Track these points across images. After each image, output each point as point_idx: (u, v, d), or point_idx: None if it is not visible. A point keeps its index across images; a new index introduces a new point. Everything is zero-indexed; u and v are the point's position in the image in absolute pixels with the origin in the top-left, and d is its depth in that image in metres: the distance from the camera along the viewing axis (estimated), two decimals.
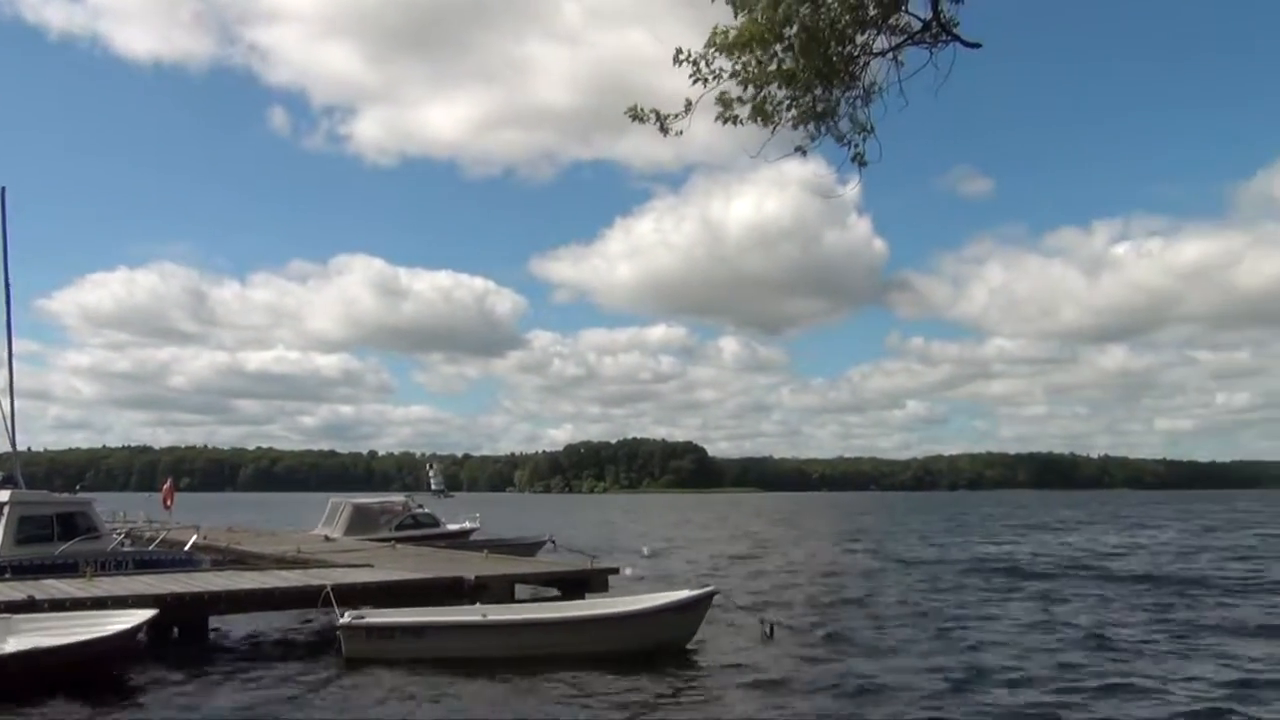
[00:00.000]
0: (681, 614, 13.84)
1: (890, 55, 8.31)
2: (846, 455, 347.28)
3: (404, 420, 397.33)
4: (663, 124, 8.36)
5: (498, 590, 16.01)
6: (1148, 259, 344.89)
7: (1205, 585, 21.60)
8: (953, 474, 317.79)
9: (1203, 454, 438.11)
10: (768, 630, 14.68)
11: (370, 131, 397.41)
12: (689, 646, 13.71)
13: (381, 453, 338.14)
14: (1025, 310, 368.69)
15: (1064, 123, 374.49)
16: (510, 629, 13.28)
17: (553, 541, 26.89)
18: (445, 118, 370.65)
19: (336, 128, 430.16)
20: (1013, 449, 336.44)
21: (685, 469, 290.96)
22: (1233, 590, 20.81)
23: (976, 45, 8.15)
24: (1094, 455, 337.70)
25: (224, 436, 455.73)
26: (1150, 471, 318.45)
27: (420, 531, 27.98)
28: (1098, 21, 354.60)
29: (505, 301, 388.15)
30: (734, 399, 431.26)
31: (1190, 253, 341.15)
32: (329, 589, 13.41)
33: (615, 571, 18.63)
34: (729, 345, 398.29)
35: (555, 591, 17.39)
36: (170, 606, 13.14)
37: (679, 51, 7.95)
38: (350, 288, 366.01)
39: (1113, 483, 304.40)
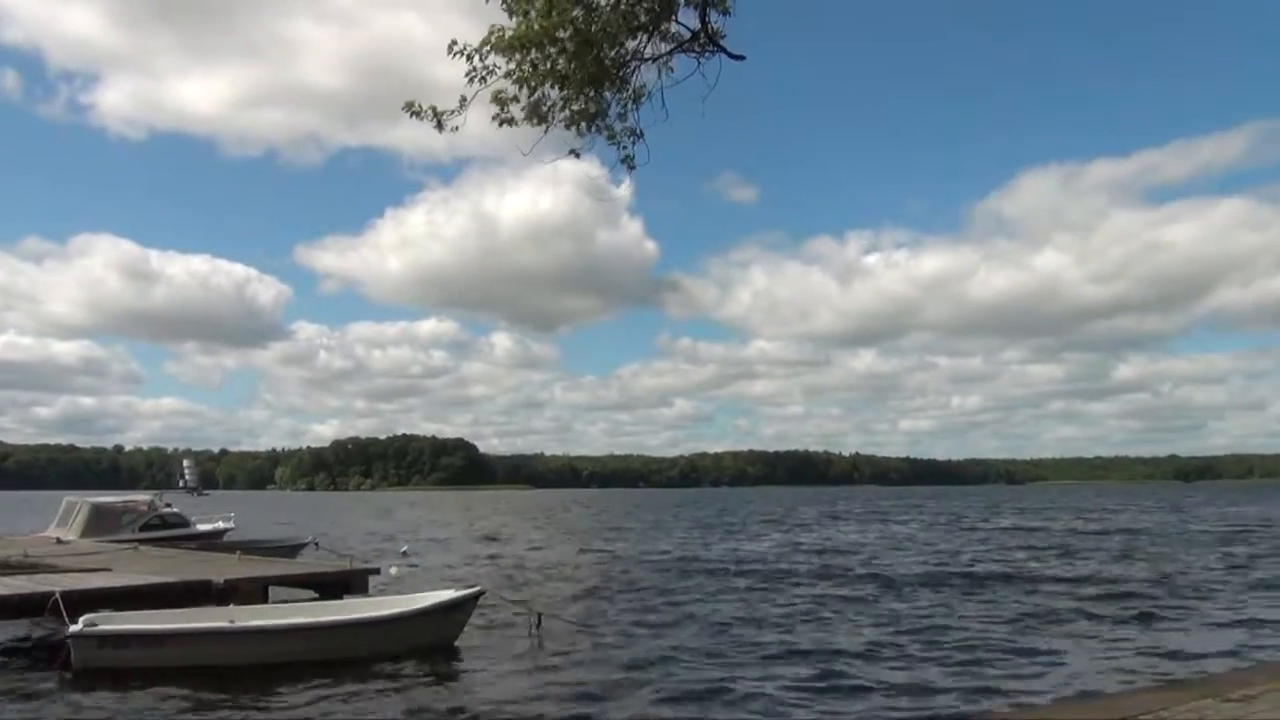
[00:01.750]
0: (446, 614, 13.61)
1: (660, 62, 8.51)
2: (616, 452, 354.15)
3: (154, 413, 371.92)
4: (439, 121, 8.22)
5: (250, 594, 15.19)
6: (895, 269, 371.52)
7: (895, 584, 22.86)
8: (717, 471, 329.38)
9: (940, 452, 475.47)
10: (534, 626, 14.70)
11: (116, 101, 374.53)
12: (455, 646, 13.51)
13: (129, 447, 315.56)
14: (785, 314, 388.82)
15: (823, 138, 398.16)
16: (262, 635, 12.53)
17: (315, 542, 25.93)
18: (202, 92, 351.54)
19: (77, 95, 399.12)
20: (773, 447, 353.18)
21: (456, 466, 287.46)
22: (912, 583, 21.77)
23: (740, 58, 8.47)
24: (846, 453, 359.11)
25: None
26: (895, 468, 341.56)
27: (167, 532, 26.33)
28: (857, 52, 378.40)
29: (268, 290, 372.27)
30: (506, 395, 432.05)
31: (931, 265, 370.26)
32: (58, 595, 12.36)
33: (377, 572, 18.15)
34: (501, 341, 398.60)
35: (313, 594, 16.73)
36: None
37: (453, 44, 7.83)
38: (94, 269, 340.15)
39: (861, 479, 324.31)
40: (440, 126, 7.96)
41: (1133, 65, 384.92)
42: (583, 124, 8.01)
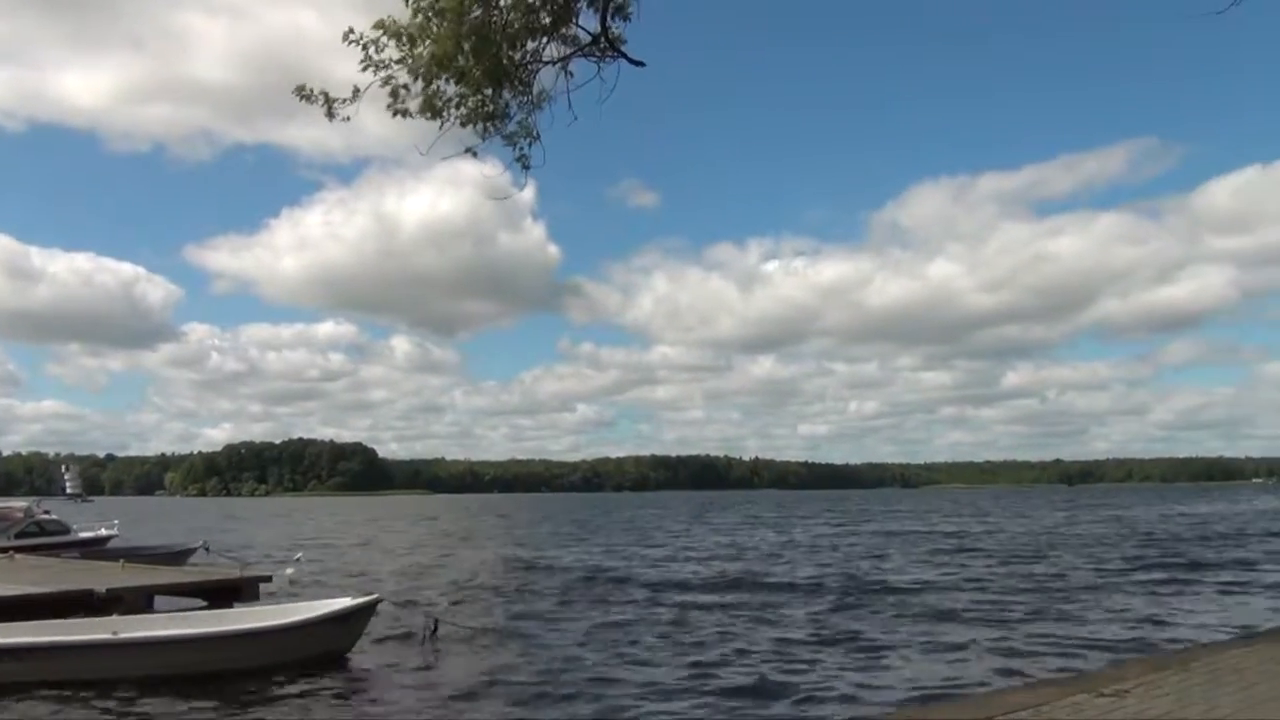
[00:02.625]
0: (341, 623, 13.26)
1: (560, 65, 8.49)
2: (518, 457, 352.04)
3: (34, 416, 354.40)
4: (330, 107, 8.04)
5: (134, 603, 14.67)
6: (794, 276, 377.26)
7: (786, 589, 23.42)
8: (619, 475, 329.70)
9: (838, 456, 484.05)
10: (430, 634, 14.48)
11: None
12: (350, 655, 13.23)
13: (7, 453, 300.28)
14: (686, 319, 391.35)
15: (724, 146, 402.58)
16: (146, 646, 11.99)
17: (206, 548, 25.19)
18: (84, 84, 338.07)
19: None
20: (674, 451, 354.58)
21: (354, 471, 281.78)
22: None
23: (641, 64, 8.49)
24: (746, 457, 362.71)
25: None
26: (794, 472, 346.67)
27: (46, 540, 25.33)
28: (757, 61, 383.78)
29: (157, 290, 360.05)
30: (405, 400, 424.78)
31: (829, 273, 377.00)
32: None
33: (269, 579, 17.69)
34: (401, 345, 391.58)
35: (201, 603, 16.22)
36: None
37: (350, 31, 7.68)
38: None
39: (761, 483, 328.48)
40: (331, 114, 7.79)
41: (1021, 81, 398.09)
42: (480, 123, 7.94)
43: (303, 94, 7.76)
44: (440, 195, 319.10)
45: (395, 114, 8.07)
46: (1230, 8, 6.88)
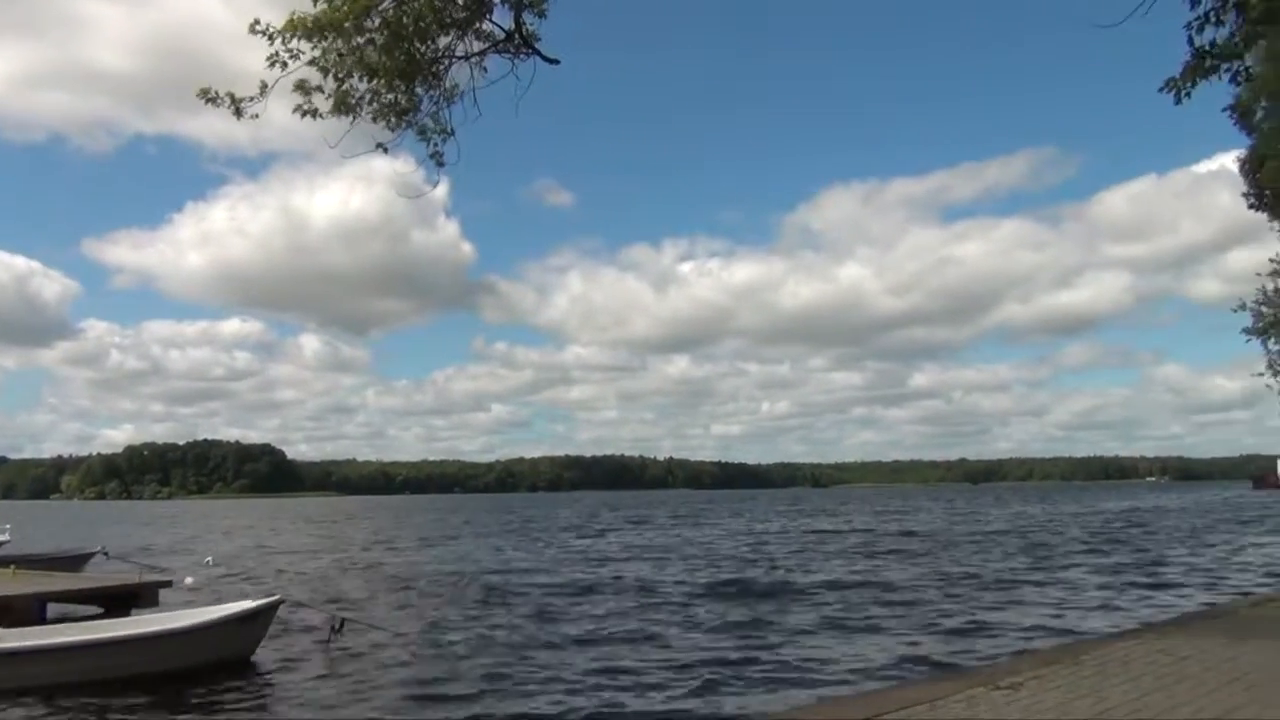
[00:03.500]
0: (241, 626, 12.94)
1: (474, 61, 8.43)
2: (431, 458, 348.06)
3: None
4: (237, 108, 7.87)
5: (24, 611, 14.14)
6: (708, 278, 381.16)
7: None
8: (534, 476, 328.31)
9: (750, 456, 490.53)
10: (334, 634, 14.22)
11: None
12: (253, 659, 12.93)
13: None
14: (601, 320, 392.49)
15: (639, 146, 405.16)
16: (36, 655, 11.53)
17: (105, 553, 24.36)
18: None
19: None
20: (589, 452, 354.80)
21: (261, 472, 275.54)
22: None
23: (555, 62, 8.48)
24: (660, 458, 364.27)
25: None
26: (707, 472, 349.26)
27: None
28: (672, 63, 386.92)
29: (53, 285, 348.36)
30: (315, 399, 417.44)
31: (743, 274, 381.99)
32: None
33: (169, 584, 17.21)
34: (310, 343, 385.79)
35: (97, 609, 15.69)
36: None
37: (256, 23, 7.52)
38: None
39: (675, 483, 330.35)
40: (239, 114, 7.62)
41: (929, 88, 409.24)
42: (393, 118, 7.85)
43: (208, 97, 7.57)
44: (352, 191, 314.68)
45: (305, 115, 7.94)
46: (1124, 21, 7.15)
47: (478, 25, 8.32)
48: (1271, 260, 19.90)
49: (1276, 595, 15.38)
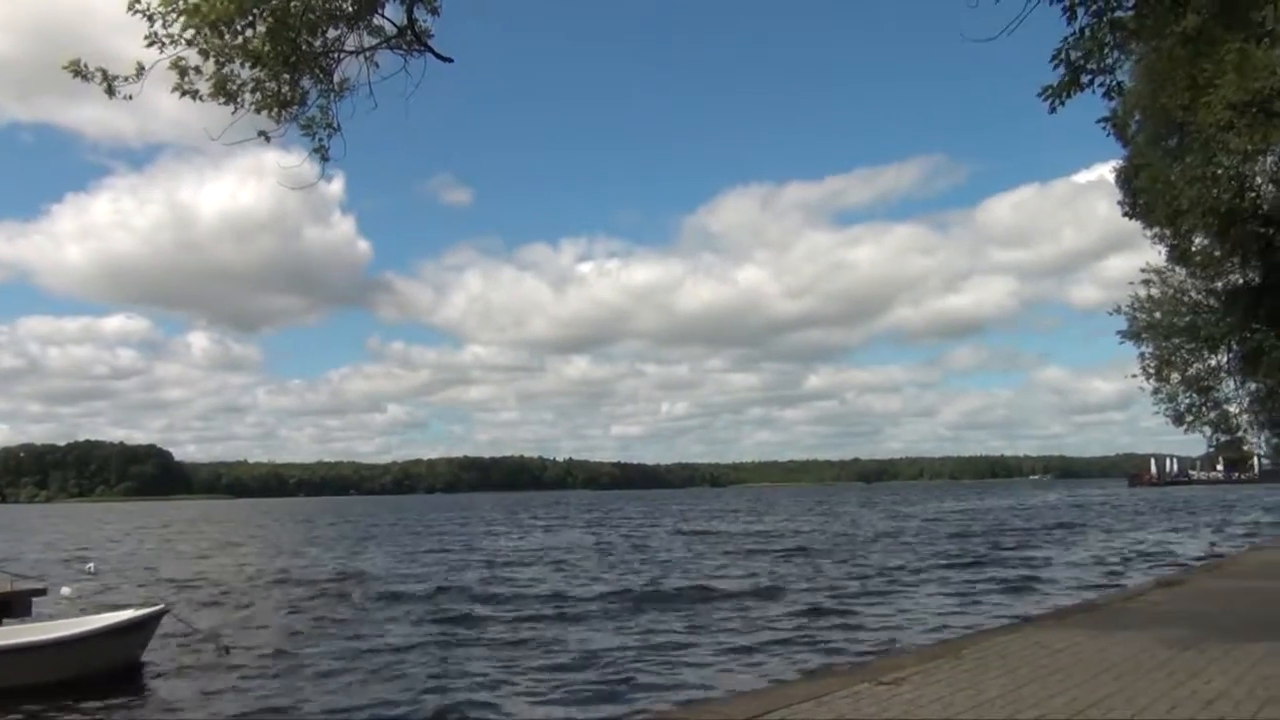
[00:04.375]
0: (122, 635, 12.47)
1: (364, 55, 8.27)
2: (326, 459, 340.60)
3: None
4: (110, 85, 7.57)
5: None
6: (607, 278, 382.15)
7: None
8: (432, 477, 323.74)
9: (650, 456, 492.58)
10: (221, 647, 13.81)
11: None
12: (134, 669, 12.51)
13: None
14: (500, 319, 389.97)
15: (537, 145, 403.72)
16: None
17: None
18: None
19: None
20: (487, 453, 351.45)
21: (148, 474, 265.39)
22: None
23: (448, 60, 8.38)
24: (559, 458, 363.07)
25: None
26: (606, 473, 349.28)
27: None
28: (570, 62, 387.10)
29: None
30: (204, 399, 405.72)
31: (641, 275, 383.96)
32: None
33: (43, 593, 16.43)
34: (199, 341, 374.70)
35: None
36: None
37: (135, 1, 7.25)
38: None
39: (574, 483, 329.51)
40: (111, 92, 7.33)
41: (823, 94, 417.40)
42: (276, 109, 7.64)
43: (77, 71, 7.27)
44: (242, 185, 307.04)
45: (183, 95, 7.70)
46: (1000, 35, 7.37)
47: (369, 19, 8.16)
48: (1142, 270, 20.77)
49: (1146, 588, 16.08)
